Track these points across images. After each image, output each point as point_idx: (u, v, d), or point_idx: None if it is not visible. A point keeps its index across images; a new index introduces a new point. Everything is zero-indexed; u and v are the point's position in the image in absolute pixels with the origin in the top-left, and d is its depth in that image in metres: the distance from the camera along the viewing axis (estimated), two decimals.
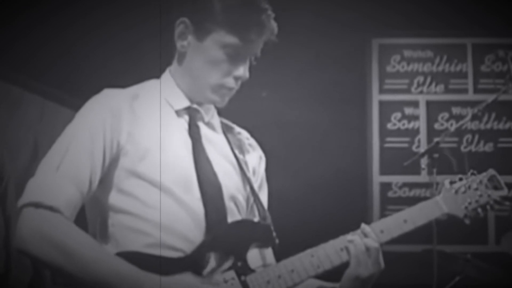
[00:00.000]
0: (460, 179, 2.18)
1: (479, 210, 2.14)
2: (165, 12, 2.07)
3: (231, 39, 1.99)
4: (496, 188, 2.16)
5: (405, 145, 5.36)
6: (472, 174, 2.19)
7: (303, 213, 4.90)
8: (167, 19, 2.06)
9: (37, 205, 1.83)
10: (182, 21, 2.03)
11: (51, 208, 1.83)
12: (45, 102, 4.57)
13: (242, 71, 2.04)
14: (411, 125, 5.38)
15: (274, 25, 2.06)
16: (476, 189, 2.15)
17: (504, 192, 2.16)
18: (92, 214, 2.01)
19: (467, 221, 2.13)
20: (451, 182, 2.17)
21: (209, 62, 2.02)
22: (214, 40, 2.00)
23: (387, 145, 5.37)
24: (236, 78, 2.05)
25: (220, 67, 2.02)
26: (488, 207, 2.15)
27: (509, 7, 5.00)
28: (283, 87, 5.18)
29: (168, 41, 2.08)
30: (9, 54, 4.10)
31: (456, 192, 2.15)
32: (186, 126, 2.06)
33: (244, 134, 2.25)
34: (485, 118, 5.28)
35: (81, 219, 1.97)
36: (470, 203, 2.14)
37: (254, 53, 2.06)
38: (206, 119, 2.11)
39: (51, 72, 4.40)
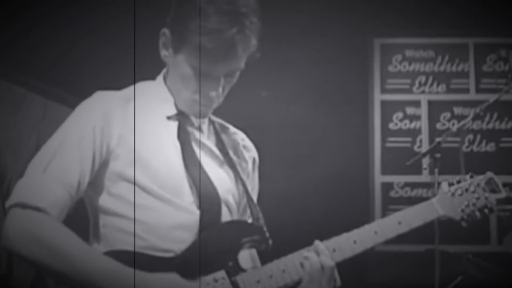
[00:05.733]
0: (458, 182, 2.18)
1: (477, 213, 2.14)
2: (162, 16, 2.05)
3: (198, 61, 1.92)
4: (493, 191, 2.15)
5: (407, 145, 5.35)
6: (471, 176, 2.19)
7: (304, 213, 4.90)
8: (157, 26, 2.04)
9: (24, 206, 1.84)
10: (163, 33, 2.00)
11: (37, 209, 1.83)
12: (47, 101, 4.57)
13: (213, 92, 1.97)
14: (412, 125, 5.38)
15: (253, 41, 1.96)
16: (474, 191, 2.15)
17: (502, 195, 2.16)
18: (89, 214, 2.03)
19: (464, 224, 2.13)
20: (449, 185, 2.17)
21: (181, 77, 1.99)
22: (185, 57, 1.96)
23: (388, 145, 5.37)
24: (209, 96, 1.99)
25: (190, 83, 1.98)
26: (486, 210, 2.15)
27: (511, 7, 4.99)
28: (284, 87, 5.18)
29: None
30: (11, 53, 4.10)
31: (453, 194, 2.14)
32: (176, 131, 2.04)
33: (240, 135, 2.24)
34: (487, 118, 5.28)
35: (78, 219, 1.98)
36: (467, 206, 2.13)
37: (229, 71, 1.98)
38: (196, 124, 2.08)
39: (53, 71, 4.41)
